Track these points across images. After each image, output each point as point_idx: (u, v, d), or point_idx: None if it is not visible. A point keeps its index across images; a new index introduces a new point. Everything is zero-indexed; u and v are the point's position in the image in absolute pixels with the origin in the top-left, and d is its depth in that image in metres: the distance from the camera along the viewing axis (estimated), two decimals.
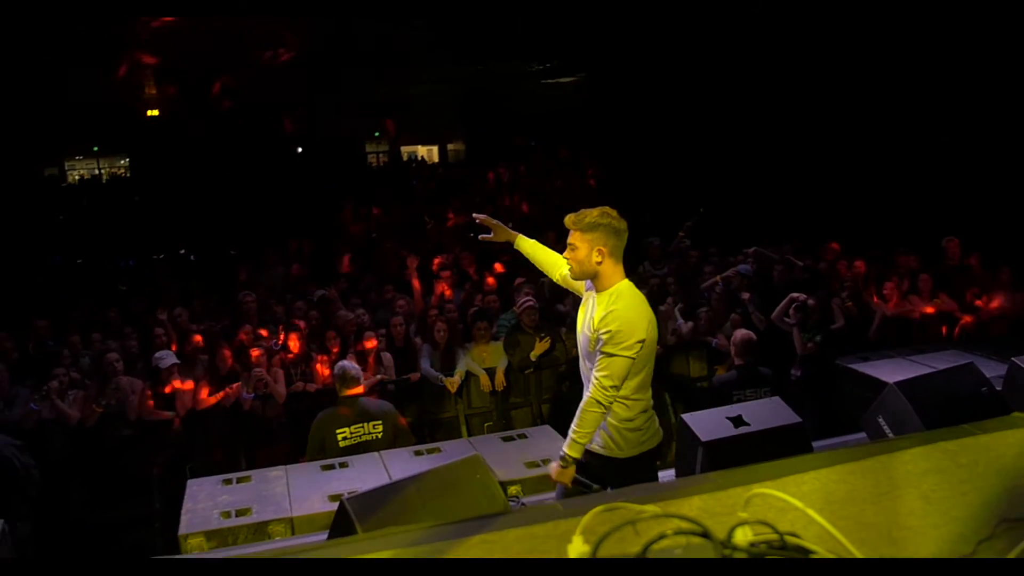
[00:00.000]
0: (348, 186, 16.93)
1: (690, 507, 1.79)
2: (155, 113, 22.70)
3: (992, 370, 4.70)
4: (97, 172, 25.81)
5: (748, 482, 1.88)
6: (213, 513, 4.80)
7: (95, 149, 25.62)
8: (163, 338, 7.21)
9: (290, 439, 6.54)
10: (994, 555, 1.68)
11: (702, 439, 4.79)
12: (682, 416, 5.05)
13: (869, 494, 1.80)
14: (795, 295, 7.32)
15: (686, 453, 5.00)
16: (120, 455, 6.54)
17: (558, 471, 3.51)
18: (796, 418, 4.99)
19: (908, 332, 7.60)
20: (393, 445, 5.58)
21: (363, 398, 5.76)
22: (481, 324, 7.35)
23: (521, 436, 5.76)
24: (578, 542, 1.47)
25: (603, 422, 3.61)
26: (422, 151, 27.04)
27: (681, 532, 1.44)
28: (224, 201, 15.57)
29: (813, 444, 5.02)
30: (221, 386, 6.65)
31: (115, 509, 6.47)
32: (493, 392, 7.08)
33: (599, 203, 3.70)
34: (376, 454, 5.36)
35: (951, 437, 1.97)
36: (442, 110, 23.97)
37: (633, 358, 3.43)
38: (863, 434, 5.33)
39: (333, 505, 4.65)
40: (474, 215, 4.14)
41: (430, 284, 8.63)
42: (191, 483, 5.30)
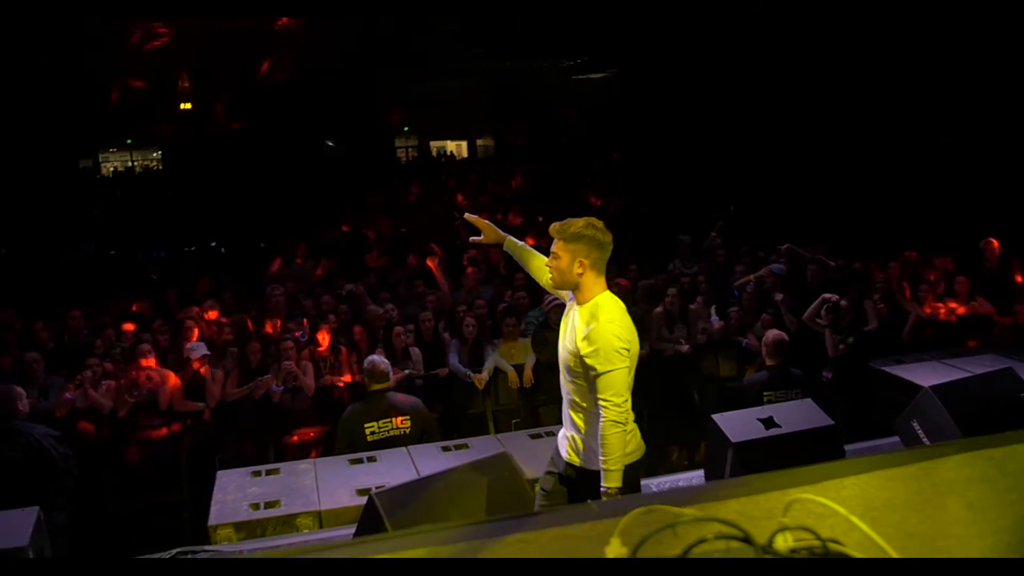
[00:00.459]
0: (377, 180, 16.99)
1: (727, 511, 1.76)
2: (188, 106, 22.94)
3: None
4: (130, 164, 26.11)
5: (785, 486, 1.85)
6: (242, 505, 4.84)
7: (128, 142, 25.91)
8: (194, 330, 7.28)
9: (321, 431, 6.56)
10: None
11: (732, 440, 4.75)
12: (712, 417, 5.02)
13: (911, 501, 1.76)
14: (827, 296, 7.24)
15: (716, 454, 4.97)
16: (150, 445, 6.61)
17: None
18: (829, 421, 4.93)
19: (944, 335, 7.48)
20: (421, 441, 5.58)
21: (392, 393, 5.77)
22: (510, 320, 7.34)
23: (549, 434, 5.73)
24: (616, 544, 1.45)
25: (583, 435, 3.56)
26: (451, 146, 27.05)
27: (722, 536, 1.41)
28: (254, 194, 15.69)
29: (845, 448, 4.98)
30: (251, 378, 6.69)
31: (145, 498, 6.55)
32: (521, 389, 7.06)
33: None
34: (404, 449, 5.37)
35: (996, 444, 1.92)
36: (472, 106, 23.95)
37: (628, 366, 3.40)
38: (896, 438, 5.27)
39: (361, 499, 4.66)
40: (465, 215, 4.11)
41: (460, 279, 8.63)
42: (220, 474, 5.35)
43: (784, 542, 1.44)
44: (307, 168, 18.16)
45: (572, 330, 3.51)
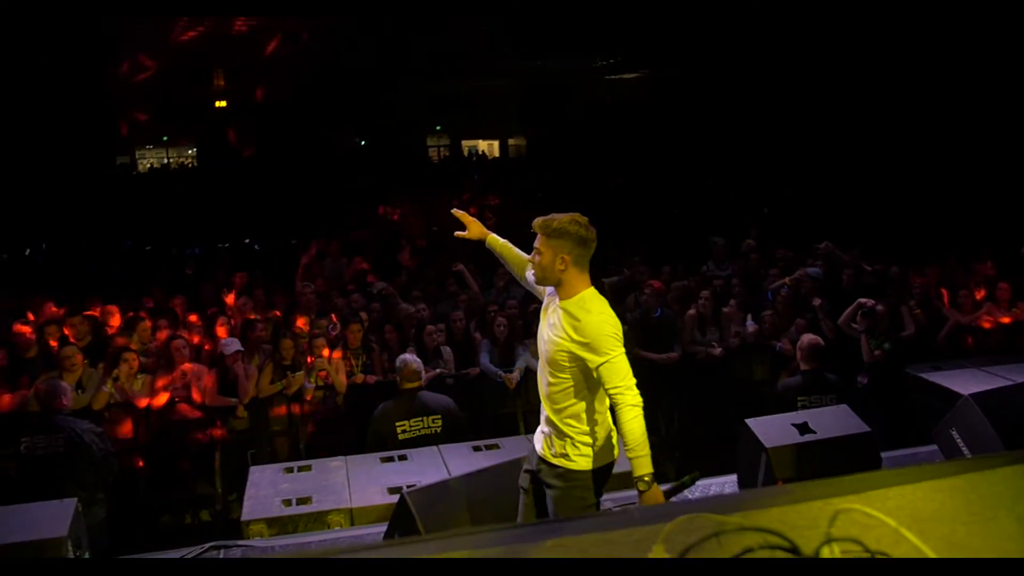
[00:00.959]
0: (409, 179, 17.05)
1: (768, 519, 1.73)
2: (222, 104, 23.20)
3: None
4: (166, 161, 26.46)
5: (828, 495, 1.81)
6: (275, 501, 4.88)
7: (164, 139, 26.26)
8: (227, 326, 7.35)
9: (350, 430, 6.58)
10: None
11: (766, 445, 4.71)
12: (746, 421, 4.98)
13: (960, 514, 1.72)
14: (863, 300, 7.14)
15: (749, 459, 4.92)
16: (184, 439, 6.68)
17: (647, 498, 3.36)
18: (865, 427, 4.88)
19: (983, 342, 7.35)
20: (452, 440, 5.58)
21: (423, 392, 5.78)
22: None
23: None
24: (659, 551, 1.43)
25: (556, 430, 3.53)
26: (483, 146, 27.09)
27: (768, 547, 1.39)
28: (288, 192, 15.82)
29: (881, 455, 4.91)
30: (284, 375, 6.74)
31: (178, 491, 6.63)
32: None
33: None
34: (435, 448, 5.38)
35: None
36: (504, 105, 23.96)
37: (624, 352, 3.37)
38: (934, 446, 5.19)
39: (392, 498, 4.68)
40: (452, 211, 4.11)
41: (491, 279, 8.63)
42: (253, 470, 5.39)
43: (831, 553, 1.41)
44: (339, 166, 18.28)
45: (557, 327, 3.45)
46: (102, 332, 7.55)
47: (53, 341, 7.00)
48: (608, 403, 3.49)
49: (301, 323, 7.34)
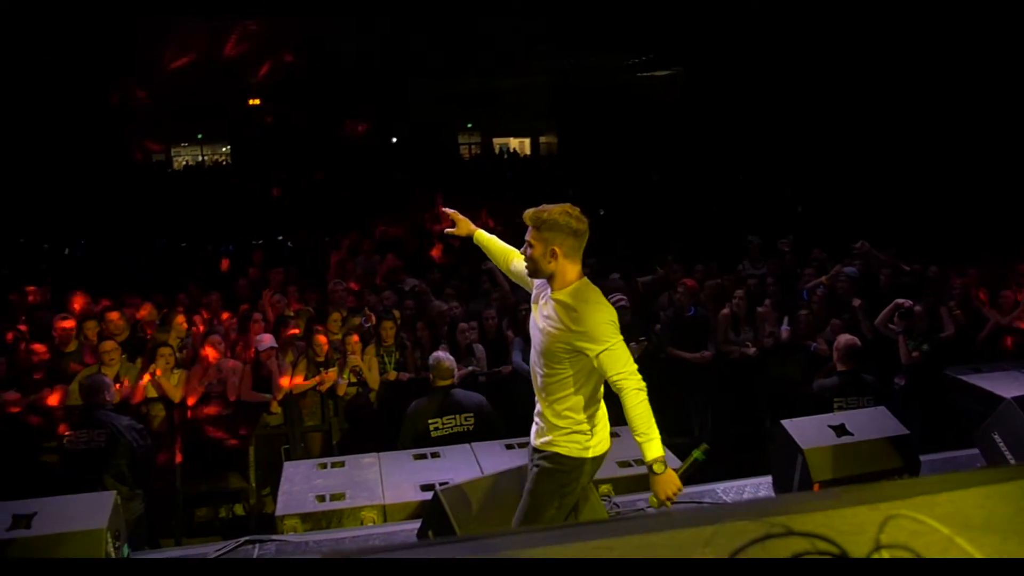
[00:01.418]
0: (441, 176, 17.10)
1: (813, 523, 1.70)
2: (256, 102, 23.42)
3: None
4: (200, 159, 26.77)
5: (874, 500, 1.77)
6: (308, 496, 4.91)
7: (199, 137, 26.57)
8: (261, 322, 7.41)
9: (383, 427, 6.61)
10: None
11: (802, 447, 4.66)
12: (781, 422, 4.92)
13: (1012, 523, 1.68)
14: (900, 301, 7.03)
15: (784, 460, 4.87)
16: (219, 433, 6.75)
17: (661, 481, 3.34)
18: (903, 430, 4.80)
19: None
20: (484, 438, 5.58)
21: (456, 390, 5.79)
22: None
23: (613, 435, 5.66)
24: (707, 555, 1.41)
25: (545, 420, 3.53)
26: (514, 143, 27.08)
27: (817, 552, 1.37)
28: (320, 189, 15.92)
29: (920, 458, 4.83)
30: (317, 371, 6.79)
31: (213, 484, 6.71)
32: None
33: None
34: (467, 446, 5.38)
35: None
36: (535, 102, 23.93)
37: (622, 338, 3.35)
38: (975, 450, 5.10)
39: (425, 495, 4.69)
40: (443, 208, 4.13)
41: None
42: (287, 466, 5.44)
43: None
44: (372, 164, 18.37)
45: (552, 318, 3.42)
46: (139, 328, 7.65)
47: (92, 336, 7.10)
48: (601, 394, 3.49)
49: (334, 320, 7.37)
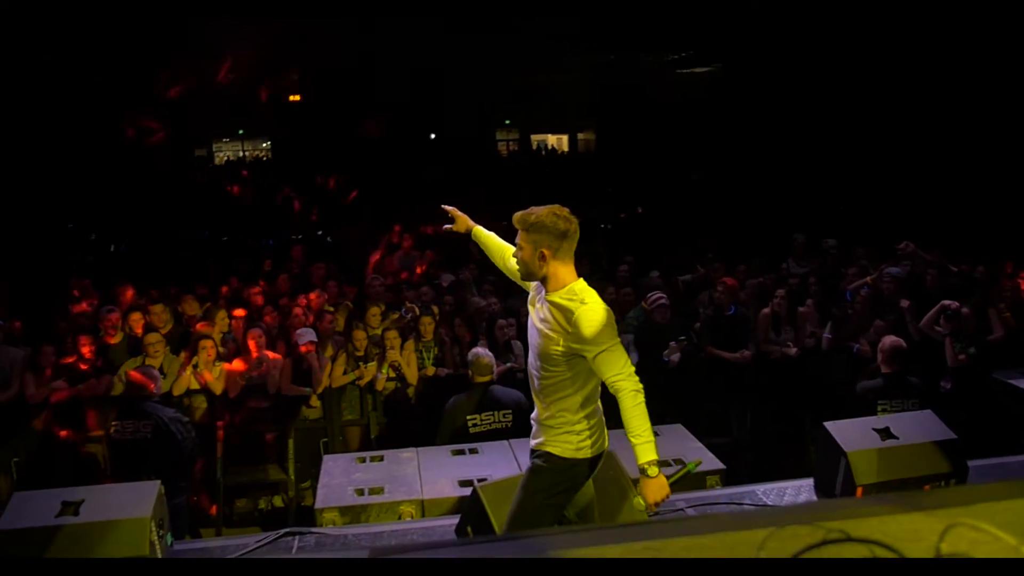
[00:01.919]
0: (478, 173, 17.12)
1: (868, 529, 1.66)
2: (296, 99, 23.64)
3: None
4: (241, 154, 27.10)
5: (931, 507, 1.74)
6: (347, 490, 4.94)
7: (240, 132, 26.91)
8: (301, 317, 7.48)
9: (421, 422, 6.64)
10: None
11: (845, 449, 4.58)
12: (824, 424, 4.85)
13: None
14: (947, 302, 6.88)
15: (826, 463, 4.79)
16: (259, 426, 6.84)
17: (653, 485, 3.29)
18: (951, 434, 4.70)
19: None
20: (522, 435, 5.57)
21: (494, 386, 5.78)
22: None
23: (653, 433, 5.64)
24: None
25: (541, 420, 3.50)
26: (552, 140, 27.03)
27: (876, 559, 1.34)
28: (360, 185, 16.02)
29: (968, 464, 4.72)
30: (356, 366, 6.83)
31: (253, 476, 6.79)
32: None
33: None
34: (506, 442, 5.38)
35: None
36: (573, 99, 23.86)
37: (619, 340, 3.31)
38: None
39: (463, 491, 4.69)
40: (442, 205, 4.09)
41: None
42: (327, 459, 5.48)
43: None
44: (410, 159, 18.45)
45: (548, 321, 3.39)
46: (182, 320, 7.77)
47: (137, 328, 7.22)
48: (599, 396, 3.46)
49: (373, 314, 7.42)
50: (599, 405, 3.50)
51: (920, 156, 12.62)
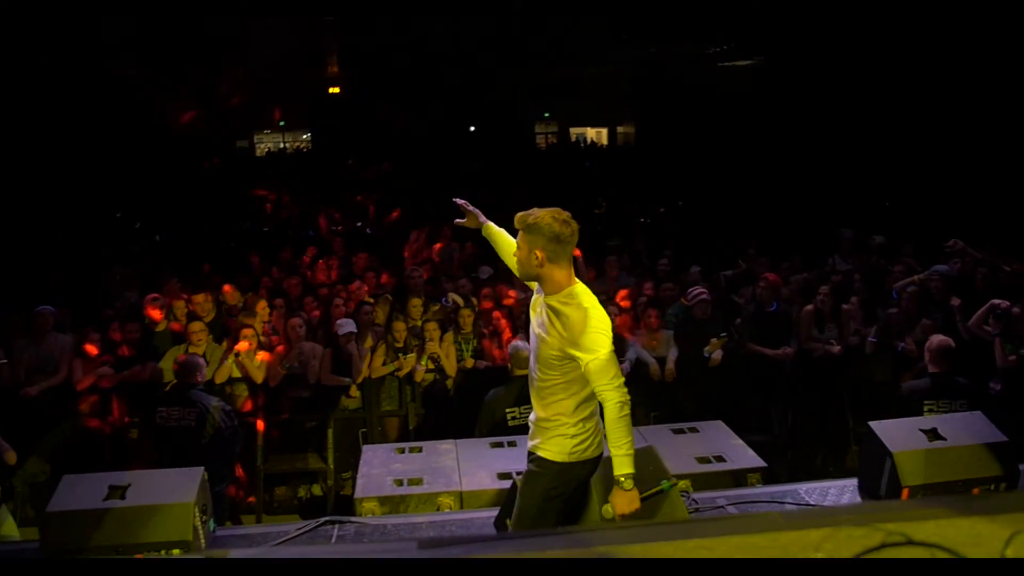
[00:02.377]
0: (516, 166, 17.09)
1: (924, 533, 1.62)
2: (336, 91, 23.81)
3: None
4: (282, 146, 27.36)
5: (992, 512, 1.68)
6: (387, 480, 4.97)
7: (281, 124, 27.16)
8: (342, 307, 7.52)
9: (459, 414, 6.66)
10: None
11: (891, 450, 4.50)
12: (869, 424, 4.77)
13: None
14: (996, 302, 6.71)
15: (871, 463, 4.71)
16: (299, 415, 6.90)
17: (625, 497, 3.29)
18: (1001, 436, 4.60)
19: None
20: None
21: None
22: (652, 311, 7.22)
23: (692, 429, 5.60)
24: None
25: (539, 421, 3.49)
26: (591, 133, 26.90)
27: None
28: (401, 177, 16.08)
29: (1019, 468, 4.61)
30: (396, 357, 6.87)
31: (292, 464, 6.86)
32: (661, 382, 6.93)
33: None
34: None
35: None
36: (613, 92, 23.70)
37: (612, 348, 3.29)
38: None
39: (502, 483, 4.70)
40: (454, 199, 4.09)
41: (603, 268, 8.55)
42: (366, 449, 5.52)
43: None
44: (449, 152, 18.48)
45: (545, 324, 3.39)
46: (224, 309, 7.86)
47: (180, 316, 7.33)
48: (596, 401, 3.43)
49: (414, 305, 7.44)
50: (596, 409, 3.48)
51: (971, 151, 12.34)
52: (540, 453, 3.47)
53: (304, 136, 27.32)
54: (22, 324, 7.08)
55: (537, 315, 3.49)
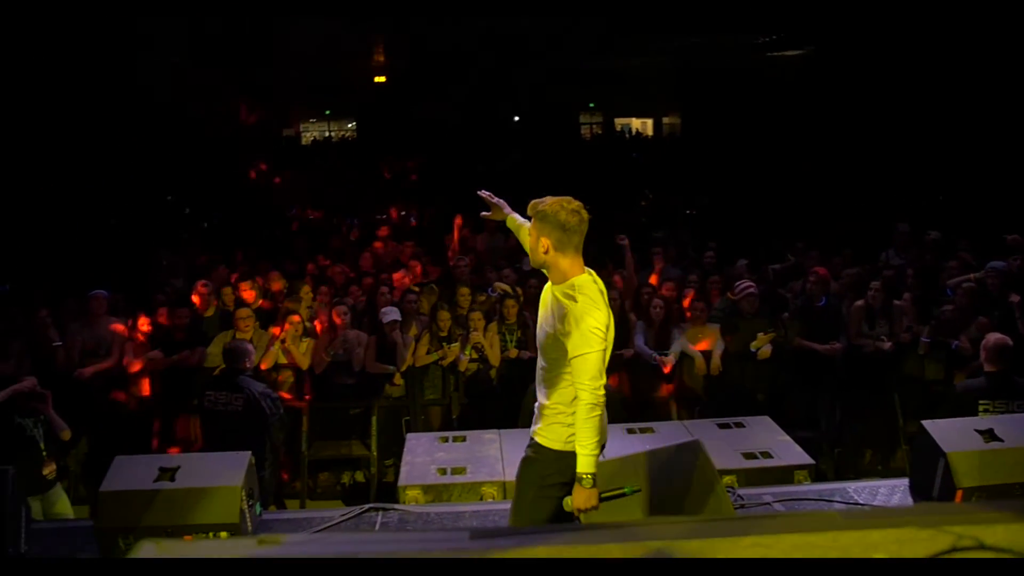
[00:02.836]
0: (561, 157, 17.01)
1: (993, 536, 1.57)
2: (382, 80, 23.87)
3: None
4: (328, 135, 27.56)
5: None
6: (430, 468, 5.00)
7: (327, 113, 27.35)
8: (386, 296, 7.57)
9: (502, 404, 6.65)
10: None
11: (945, 450, 4.39)
12: (922, 423, 4.66)
13: None
14: None
15: (924, 463, 4.61)
16: (343, 402, 6.96)
17: (586, 494, 3.26)
18: None
19: None
20: None
21: None
22: (698, 304, 7.15)
23: (738, 425, 5.54)
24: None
25: (541, 408, 3.45)
26: (636, 124, 26.63)
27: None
28: (442, 166, 16.12)
29: None
30: (440, 346, 6.88)
31: (336, 451, 6.93)
32: (707, 376, 6.85)
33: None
34: None
35: None
36: (659, 82, 23.42)
37: (603, 348, 3.24)
38: None
39: None
40: (479, 191, 4.03)
41: (645, 260, 8.48)
42: (410, 437, 5.55)
43: None
44: (493, 142, 18.47)
45: (546, 313, 3.38)
46: (271, 296, 7.96)
47: (228, 302, 7.43)
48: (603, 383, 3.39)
49: (463, 294, 7.45)
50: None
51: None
52: (538, 439, 3.46)
53: (349, 125, 27.48)
54: (76, 307, 7.25)
55: (544, 303, 3.49)
